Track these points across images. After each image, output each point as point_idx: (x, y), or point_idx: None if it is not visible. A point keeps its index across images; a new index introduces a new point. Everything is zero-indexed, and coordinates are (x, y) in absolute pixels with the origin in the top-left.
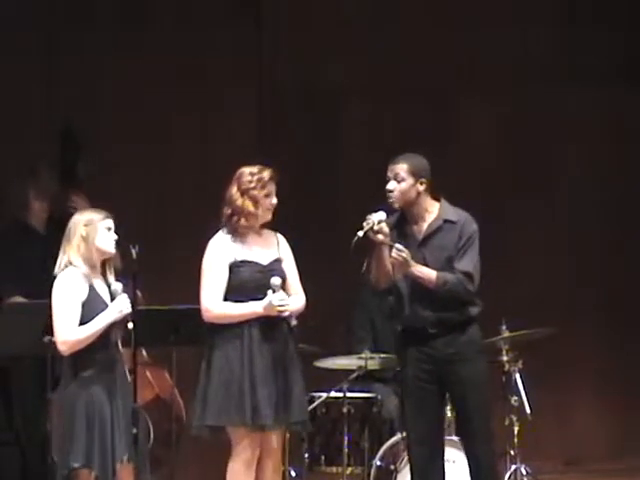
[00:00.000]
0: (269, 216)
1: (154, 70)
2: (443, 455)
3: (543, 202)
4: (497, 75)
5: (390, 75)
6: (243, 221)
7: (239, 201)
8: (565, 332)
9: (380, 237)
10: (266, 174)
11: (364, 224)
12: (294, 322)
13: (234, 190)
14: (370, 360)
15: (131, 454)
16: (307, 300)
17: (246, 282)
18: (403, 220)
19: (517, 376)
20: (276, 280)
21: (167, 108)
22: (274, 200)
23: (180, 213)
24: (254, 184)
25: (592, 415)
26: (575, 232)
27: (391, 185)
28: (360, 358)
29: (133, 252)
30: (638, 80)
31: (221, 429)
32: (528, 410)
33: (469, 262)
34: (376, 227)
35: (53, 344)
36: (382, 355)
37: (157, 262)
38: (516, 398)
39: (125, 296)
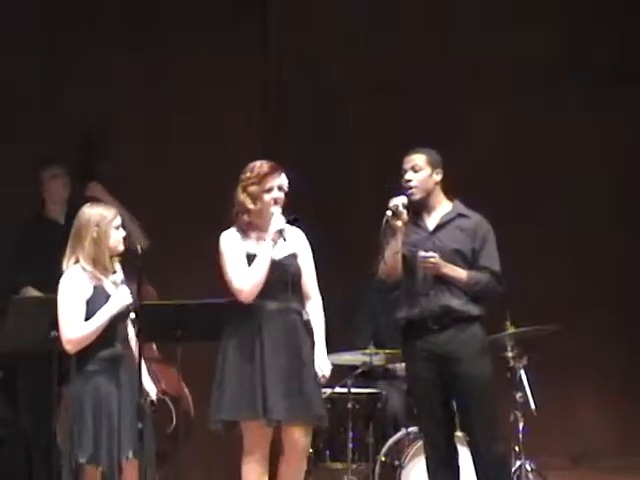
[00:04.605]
0: (272, 210)
1: (156, 69)
2: (457, 453)
3: (546, 201)
4: (498, 75)
5: (393, 74)
6: (245, 217)
7: (240, 197)
8: (570, 329)
9: (399, 223)
10: (265, 168)
11: (390, 205)
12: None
13: (238, 186)
14: (375, 356)
15: (137, 450)
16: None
17: None
18: (413, 211)
19: (522, 372)
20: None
21: (168, 107)
22: (277, 194)
23: (182, 213)
24: (252, 180)
25: (596, 411)
26: (578, 231)
27: (409, 176)
28: (365, 354)
29: (138, 247)
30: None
31: (235, 424)
32: (533, 406)
33: (495, 260)
34: (400, 209)
35: (59, 339)
36: (386, 351)
37: (158, 261)
38: (521, 394)
39: (125, 287)
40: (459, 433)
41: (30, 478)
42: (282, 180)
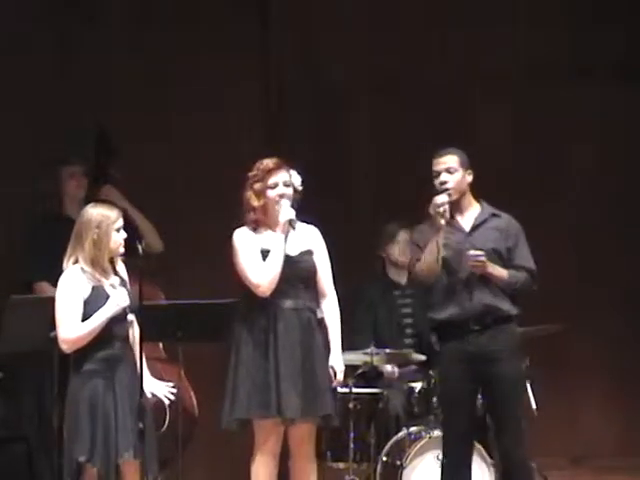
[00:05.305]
0: (281, 203)
1: (156, 69)
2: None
3: (547, 201)
4: (498, 75)
5: (393, 74)
6: (252, 215)
7: (247, 195)
8: (572, 329)
9: (442, 221)
10: (269, 165)
11: (437, 202)
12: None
13: (246, 185)
14: (376, 356)
15: (137, 451)
16: None
17: None
18: None
19: None
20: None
21: (168, 107)
22: (282, 190)
23: (184, 213)
24: (257, 177)
25: (598, 412)
26: (582, 230)
27: (445, 177)
28: (366, 354)
29: (139, 248)
30: None
31: (248, 422)
32: (534, 406)
33: (530, 258)
34: (446, 206)
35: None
36: (387, 351)
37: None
38: None
39: (122, 290)
40: None
41: (32, 478)
42: (288, 176)
